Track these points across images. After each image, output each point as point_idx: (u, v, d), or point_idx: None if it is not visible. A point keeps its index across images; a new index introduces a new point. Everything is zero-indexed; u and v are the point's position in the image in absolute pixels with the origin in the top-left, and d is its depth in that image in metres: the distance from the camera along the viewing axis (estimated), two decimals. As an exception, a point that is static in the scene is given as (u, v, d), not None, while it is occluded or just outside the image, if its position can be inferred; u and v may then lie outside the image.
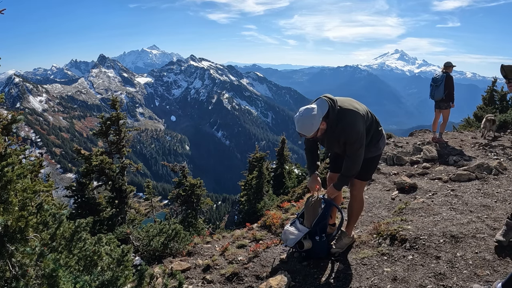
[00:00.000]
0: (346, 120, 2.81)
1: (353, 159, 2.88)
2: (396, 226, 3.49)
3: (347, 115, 2.82)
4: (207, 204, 12.30)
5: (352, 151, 2.87)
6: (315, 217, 3.15)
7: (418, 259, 2.97)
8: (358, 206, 3.30)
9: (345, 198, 4.62)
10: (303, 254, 3.24)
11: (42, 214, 1.79)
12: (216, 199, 62.34)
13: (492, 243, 3.01)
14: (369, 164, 3.12)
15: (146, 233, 4.28)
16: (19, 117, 3.57)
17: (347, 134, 2.82)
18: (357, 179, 3.14)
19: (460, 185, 4.82)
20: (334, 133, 2.88)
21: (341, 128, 2.82)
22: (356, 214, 3.36)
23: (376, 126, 3.06)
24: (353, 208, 3.31)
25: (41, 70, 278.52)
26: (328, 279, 2.94)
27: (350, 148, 2.86)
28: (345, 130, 2.82)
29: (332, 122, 2.81)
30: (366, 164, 3.06)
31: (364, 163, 3.01)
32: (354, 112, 2.84)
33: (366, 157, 3.00)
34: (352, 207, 3.32)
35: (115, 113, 8.87)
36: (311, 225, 3.16)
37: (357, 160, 2.88)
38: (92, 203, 8.30)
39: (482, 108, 12.59)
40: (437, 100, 7.38)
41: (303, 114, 2.73)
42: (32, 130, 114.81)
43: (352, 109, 2.85)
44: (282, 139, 17.39)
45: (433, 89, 7.38)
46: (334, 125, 2.82)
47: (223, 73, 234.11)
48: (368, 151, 3.02)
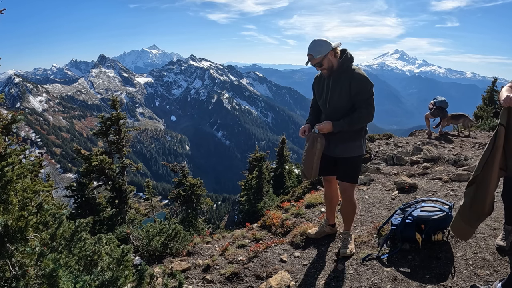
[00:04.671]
0: (359, 74, 2.86)
1: (367, 109, 2.85)
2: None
3: (359, 72, 2.89)
4: (207, 204, 12.30)
5: (365, 101, 2.84)
6: (313, 154, 3.01)
7: (418, 259, 2.97)
8: (351, 209, 3.26)
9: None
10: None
11: (42, 214, 1.80)
12: (216, 199, 62.33)
13: (492, 243, 3.01)
14: (358, 163, 3.11)
15: (146, 233, 4.28)
16: (19, 117, 3.57)
17: (359, 83, 2.84)
18: (348, 182, 3.11)
19: (460, 185, 4.82)
20: (339, 80, 2.90)
21: (352, 77, 2.85)
22: (351, 217, 3.33)
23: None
24: (348, 211, 3.28)
25: (41, 70, 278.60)
26: (328, 279, 2.94)
27: (363, 97, 2.84)
28: (357, 78, 2.84)
29: (341, 64, 2.89)
30: (355, 164, 3.08)
31: (353, 163, 3.04)
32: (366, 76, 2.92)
33: (357, 154, 3.03)
34: (346, 210, 3.28)
35: (115, 113, 8.88)
36: (304, 159, 3.08)
37: (370, 110, 2.85)
38: (92, 203, 8.30)
39: (482, 108, 12.59)
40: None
41: (317, 38, 2.88)
42: (32, 130, 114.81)
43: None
44: (282, 139, 17.38)
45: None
46: (342, 69, 2.89)
47: (223, 73, 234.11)
48: (361, 146, 3.05)
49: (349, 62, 2.93)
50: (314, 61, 2.87)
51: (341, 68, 2.91)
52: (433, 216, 3.07)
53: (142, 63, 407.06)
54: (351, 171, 3.07)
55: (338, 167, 3.13)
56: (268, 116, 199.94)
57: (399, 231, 3.19)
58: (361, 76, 2.85)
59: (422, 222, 3.06)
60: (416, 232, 3.07)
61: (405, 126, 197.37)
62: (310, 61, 2.90)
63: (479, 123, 9.11)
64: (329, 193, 3.47)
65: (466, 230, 2.59)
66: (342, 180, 3.12)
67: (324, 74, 2.98)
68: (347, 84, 2.86)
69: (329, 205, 3.55)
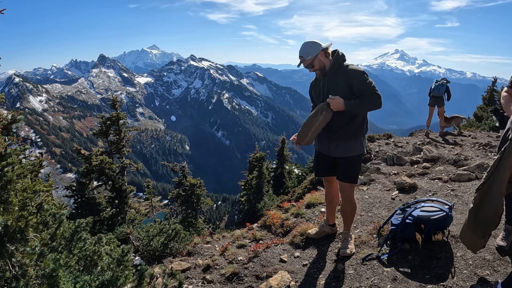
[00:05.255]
0: (352, 69, 2.89)
1: (374, 94, 2.84)
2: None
3: (352, 67, 2.91)
4: (207, 204, 12.30)
5: (368, 89, 2.83)
6: (312, 123, 2.97)
7: (418, 259, 2.97)
8: (352, 209, 3.26)
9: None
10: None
11: (42, 214, 1.79)
12: (216, 199, 62.34)
13: (492, 243, 3.01)
14: (358, 163, 3.11)
15: (146, 233, 4.28)
16: (19, 117, 3.56)
17: (355, 76, 2.85)
18: (347, 182, 3.11)
19: (460, 185, 4.82)
20: (334, 78, 2.93)
21: (346, 73, 2.88)
22: (351, 216, 3.33)
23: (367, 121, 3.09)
24: (347, 211, 3.28)
25: (41, 70, 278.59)
26: (328, 279, 2.94)
27: (364, 88, 2.84)
28: (351, 74, 2.86)
29: (334, 63, 2.94)
30: (355, 163, 3.08)
31: (353, 163, 3.05)
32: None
33: (357, 153, 3.04)
34: (346, 210, 3.28)
35: (115, 113, 8.88)
36: (304, 124, 3.06)
37: (377, 96, 2.84)
38: (92, 203, 8.30)
39: (482, 108, 12.59)
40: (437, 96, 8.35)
41: (309, 40, 2.98)
42: (32, 130, 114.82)
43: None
44: (282, 139, 17.38)
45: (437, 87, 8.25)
46: (335, 68, 2.93)
47: (223, 73, 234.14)
48: (361, 145, 3.05)
49: (341, 60, 2.96)
50: (306, 63, 2.95)
51: (334, 67, 2.95)
52: (433, 216, 3.07)
53: (142, 63, 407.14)
54: (351, 171, 3.08)
55: (338, 167, 3.14)
56: (268, 116, 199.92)
57: (399, 231, 3.19)
58: (354, 71, 2.88)
59: (422, 222, 3.06)
60: (416, 232, 3.07)
61: (405, 126, 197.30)
62: (302, 63, 2.98)
63: (467, 119, 9.28)
64: (330, 193, 3.48)
65: (473, 240, 2.52)
66: (342, 180, 3.13)
67: (318, 75, 3.04)
68: (342, 82, 2.88)
69: (330, 205, 3.55)
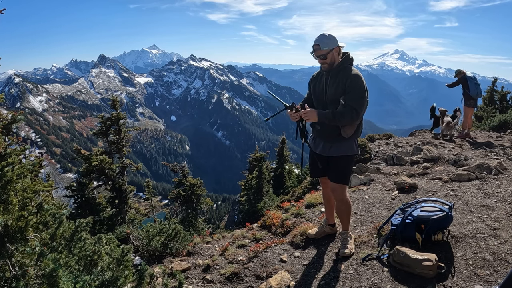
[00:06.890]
0: (356, 76, 2.88)
1: (351, 111, 2.81)
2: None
3: (357, 73, 2.90)
4: (207, 204, 12.29)
5: (353, 101, 2.81)
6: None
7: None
8: (346, 208, 3.23)
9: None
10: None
11: (42, 214, 1.79)
12: (216, 199, 62.31)
13: (492, 243, 3.01)
14: (349, 164, 3.10)
15: (146, 233, 4.28)
16: (19, 117, 3.56)
17: (353, 84, 2.84)
18: (337, 183, 3.10)
19: (460, 185, 4.82)
20: (337, 76, 2.92)
21: (347, 77, 2.87)
22: (346, 216, 3.31)
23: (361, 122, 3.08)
24: (341, 210, 3.27)
25: (41, 70, 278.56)
26: (328, 279, 2.94)
27: (351, 99, 2.82)
28: (351, 80, 2.85)
29: (342, 62, 2.94)
30: (346, 164, 3.07)
31: (344, 163, 3.04)
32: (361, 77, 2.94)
33: (349, 153, 3.03)
34: (340, 210, 3.27)
35: (115, 113, 8.87)
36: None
37: (353, 114, 2.81)
38: (92, 203, 8.29)
39: (482, 108, 12.59)
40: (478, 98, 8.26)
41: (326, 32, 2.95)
42: (32, 130, 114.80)
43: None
44: (282, 139, 17.37)
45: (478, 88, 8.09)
46: (341, 67, 2.93)
47: (223, 73, 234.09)
48: (354, 146, 3.05)
49: (349, 62, 2.97)
50: (319, 52, 2.87)
51: (341, 66, 2.94)
52: (433, 216, 3.07)
53: (142, 63, 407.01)
54: (342, 172, 3.07)
55: (330, 168, 3.13)
56: (268, 116, 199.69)
57: (399, 231, 3.19)
58: (355, 79, 2.85)
59: (422, 222, 3.06)
60: (416, 232, 3.07)
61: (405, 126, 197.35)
62: (315, 51, 2.89)
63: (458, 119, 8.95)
64: (327, 194, 3.48)
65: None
66: (332, 181, 3.13)
67: (324, 68, 2.99)
68: (343, 82, 2.88)
69: (328, 205, 3.56)
